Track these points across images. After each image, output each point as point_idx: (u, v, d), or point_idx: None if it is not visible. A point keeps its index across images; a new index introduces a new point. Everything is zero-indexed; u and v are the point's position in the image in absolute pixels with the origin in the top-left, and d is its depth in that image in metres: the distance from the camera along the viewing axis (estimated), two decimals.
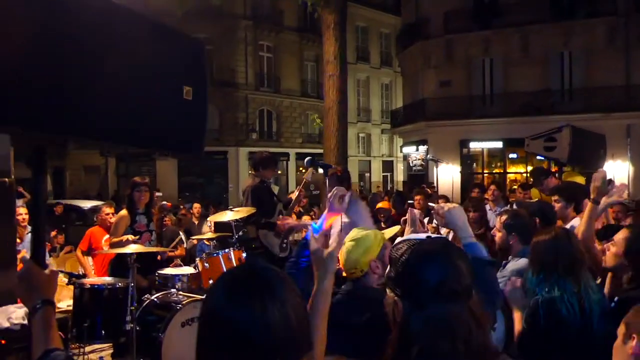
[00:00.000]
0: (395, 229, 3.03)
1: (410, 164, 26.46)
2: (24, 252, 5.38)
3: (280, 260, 5.67)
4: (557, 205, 4.08)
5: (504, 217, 3.48)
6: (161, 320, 4.39)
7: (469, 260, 1.45)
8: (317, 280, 1.62)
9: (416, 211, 2.86)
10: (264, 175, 5.81)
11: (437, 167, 6.66)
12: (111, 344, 4.81)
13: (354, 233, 2.30)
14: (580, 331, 2.32)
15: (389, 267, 1.48)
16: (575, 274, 2.43)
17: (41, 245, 1.72)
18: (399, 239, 2.01)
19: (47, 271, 1.60)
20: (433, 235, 1.54)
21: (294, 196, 6.97)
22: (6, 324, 3.81)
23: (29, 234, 6.35)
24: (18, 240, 5.34)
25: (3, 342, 3.66)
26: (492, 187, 7.81)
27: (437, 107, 22.67)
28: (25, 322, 3.79)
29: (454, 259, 1.41)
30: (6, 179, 4.75)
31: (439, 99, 22.74)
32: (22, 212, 6.44)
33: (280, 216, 5.90)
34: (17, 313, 3.88)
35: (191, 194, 21.90)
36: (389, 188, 29.35)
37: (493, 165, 25.07)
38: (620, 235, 2.68)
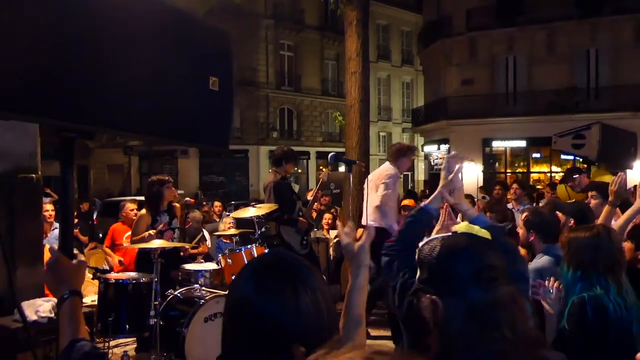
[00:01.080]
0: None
1: (432, 163, 26.23)
2: (47, 247, 5.45)
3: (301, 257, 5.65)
4: (593, 202, 4.04)
5: (524, 214, 3.43)
6: (184, 316, 4.41)
7: (499, 249, 1.40)
8: (352, 276, 1.60)
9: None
10: (285, 171, 5.80)
11: (462, 162, 6.52)
12: (135, 339, 4.85)
13: (464, 226, 2.25)
14: (625, 332, 2.25)
15: (419, 271, 1.40)
16: (615, 273, 2.36)
17: (69, 237, 1.72)
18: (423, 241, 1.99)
19: (74, 262, 1.60)
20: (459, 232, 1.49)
21: (310, 195, 6.95)
22: (34, 317, 3.86)
23: (55, 230, 6.46)
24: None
25: (32, 334, 3.70)
26: (515, 185, 7.62)
27: (459, 105, 22.43)
28: (53, 315, 3.83)
29: (484, 248, 1.37)
30: (33, 175, 4.83)
31: (461, 97, 22.48)
32: (48, 209, 6.56)
33: (301, 214, 5.89)
34: (44, 306, 3.93)
35: (212, 192, 22.06)
36: (409, 187, 29.15)
37: (516, 165, 24.72)
38: None
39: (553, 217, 3.58)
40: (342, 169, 28.17)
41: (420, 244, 1.46)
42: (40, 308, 3.93)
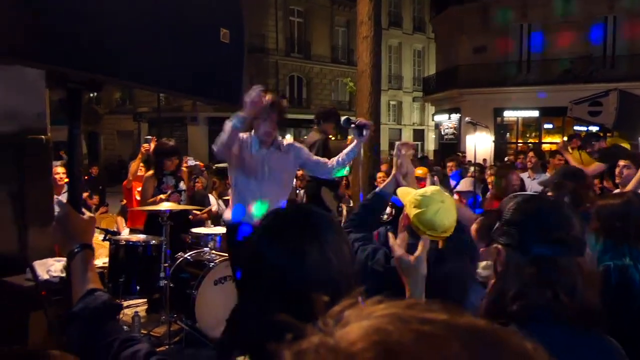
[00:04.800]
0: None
1: (442, 133, 26.01)
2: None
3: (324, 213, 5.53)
4: (626, 171, 3.91)
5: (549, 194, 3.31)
6: (194, 278, 4.44)
7: (583, 220, 1.40)
8: (409, 289, 1.57)
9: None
10: (324, 130, 5.56)
11: (475, 131, 6.50)
12: (146, 300, 4.90)
13: (434, 189, 2.24)
14: None
15: (498, 222, 1.42)
16: None
17: (77, 192, 1.70)
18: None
19: (85, 216, 1.58)
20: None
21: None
22: (46, 276, 3.89)
23: (65, 193, 6.51)
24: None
25: (43, 293, 3.74)
26: (530, 154, 7.57)
27: (471, 74, 22.07)
28: (64, 274, 3.87)
29: (567, 212, 1.35)
30: (43, 136, 4.81)
31: (474, 65, 22.10)
32: (59, 172, 6.59)
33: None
34: (55, 266, 3.95)
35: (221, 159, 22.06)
36: (419, 157, 28.98)
37: (527, 135, 24.45)
38: None
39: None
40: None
41: (505, 199, 1.44)
42: (51, 267, 3.96)
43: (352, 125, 3.69)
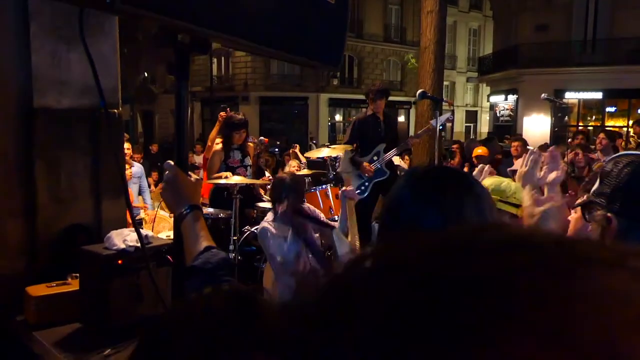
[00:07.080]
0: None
1: (497, 114, 25.22)
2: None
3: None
4: None
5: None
6: (261, 252, 4.46)
7: None
8: None
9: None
10: (374, 108, 5.43)
11: (555, 107, 6.27)
12: None
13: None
14: None
15: (597, 183, 1.28)
16: None
17: (184, 154, 1.69)
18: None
19: (192, 178, 1.58)
20: None
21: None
22: (122, 246, 3.98)
23: (134, 167, 6.68)
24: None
25: (120, 262, 3.85)
26: (601, 135, 7.25)
27: (532, 53, 21.18)
28: (139, 244, 3.96)
29: None
30: (115, 110, 4.93)
31: (534, 44, 21.19)
32: (125, 147, 6.78)
33: (376, 158, 5.60)
34: (131, 236, 4.04)
35: (273, 139, 22.25)
36: (471, 138, 28.28)
37: (589, 118, 23.38)
38: None
39: None
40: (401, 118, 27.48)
41: (613, 157, 1.30)
42: (127, 237, 4.06)
43: (428, 95, 3.59)
